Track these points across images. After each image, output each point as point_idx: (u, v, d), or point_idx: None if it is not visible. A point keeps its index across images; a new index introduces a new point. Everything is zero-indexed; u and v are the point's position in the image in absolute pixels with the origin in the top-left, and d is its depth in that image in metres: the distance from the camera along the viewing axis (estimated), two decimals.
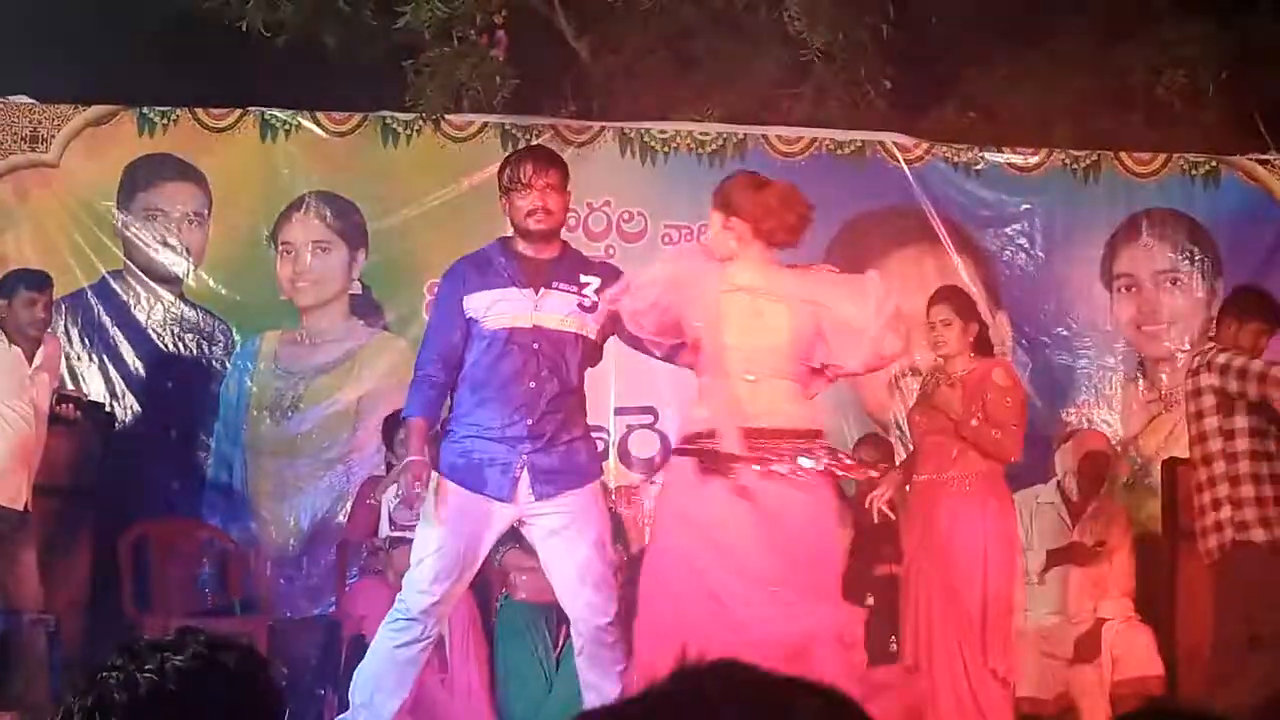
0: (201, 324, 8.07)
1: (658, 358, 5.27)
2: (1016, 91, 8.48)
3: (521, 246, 5.34)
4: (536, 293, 5.23)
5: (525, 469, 5.12)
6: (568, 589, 5.22)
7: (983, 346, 6.49)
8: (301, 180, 8.14)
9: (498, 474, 5.12)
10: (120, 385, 7.98)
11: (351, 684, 5.34)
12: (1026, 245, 8.22)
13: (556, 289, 5.24)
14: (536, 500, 5.15)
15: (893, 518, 6.25)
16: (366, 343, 8.08)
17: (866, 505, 7.36)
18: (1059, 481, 7.26)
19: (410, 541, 6.90)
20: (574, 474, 5.19)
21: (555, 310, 5.21)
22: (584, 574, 5.16)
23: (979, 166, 8.24)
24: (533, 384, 5.13)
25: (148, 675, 1.64)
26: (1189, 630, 6.69)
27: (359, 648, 6.62)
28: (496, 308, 5.21)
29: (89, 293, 8.01)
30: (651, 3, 7.82)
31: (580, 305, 5.23)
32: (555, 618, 6.46)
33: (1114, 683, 6.87)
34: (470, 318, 5.24)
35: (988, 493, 6.21)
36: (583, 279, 5.25)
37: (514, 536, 5.82)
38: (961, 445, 6.18)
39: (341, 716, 5.42)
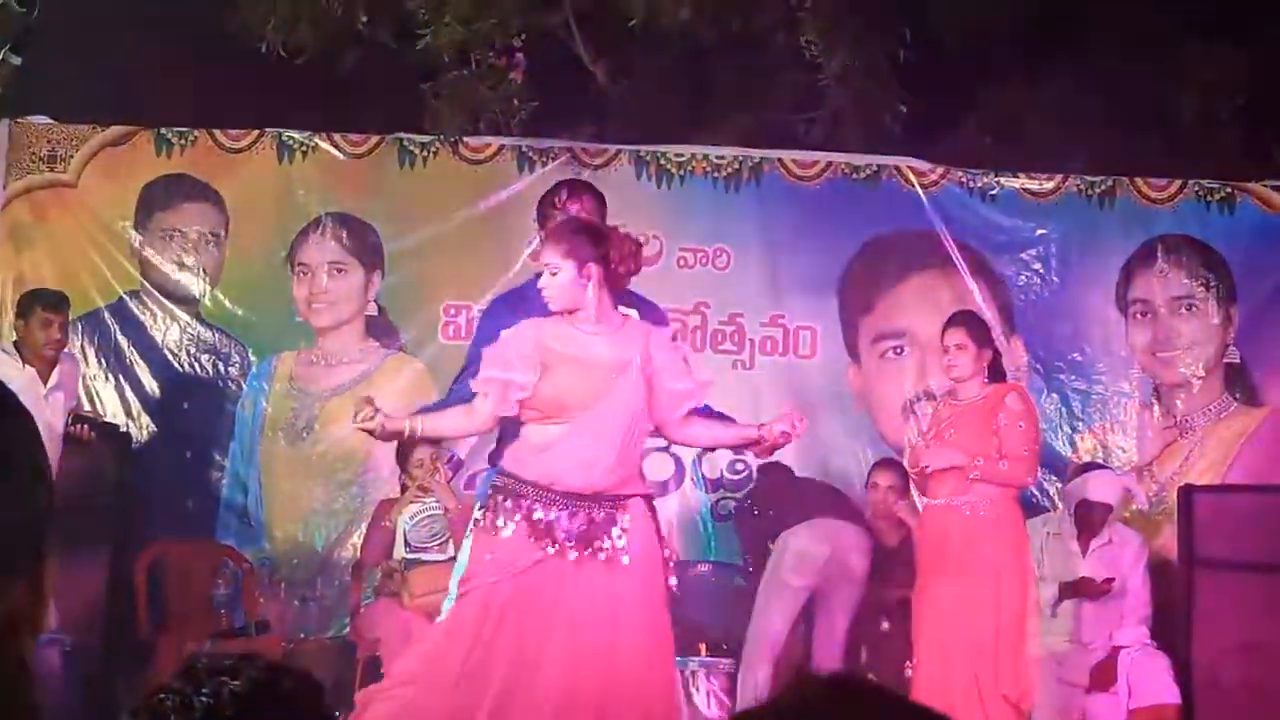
0: (218, 344, 8.08)
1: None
2: (1032, 116, 8.48)
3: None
4: None
5: None
6: None
7: (996, 372, 6.48)
8: (318, 201, 8.17)
9: None
10: (136, 405, 8.00)
11: None
12: (1041, 270, 8.22)
13: None
14: None
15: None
16: (382, 364, 8.09)
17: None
18: (1066, 518, 7.26)
19: (425, 563, 6.95)
20: None
21: None
22: None
23: (994, 191, 8.25)
24: None
25: (204, 700, 1.64)
26: (1206, 657, 6.67)
27: (374, 669, 6.62)
28: None
29: (105, 313, 8.03)
30: (669, 27, 7.82)
31: None
32: None
33: (1130, 711, 6.85)
34: None
35: (1001, 518, 6.20)
36: (621, 310, 5.15)
37: None
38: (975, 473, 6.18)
39: None
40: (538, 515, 4.65)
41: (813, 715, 1.12)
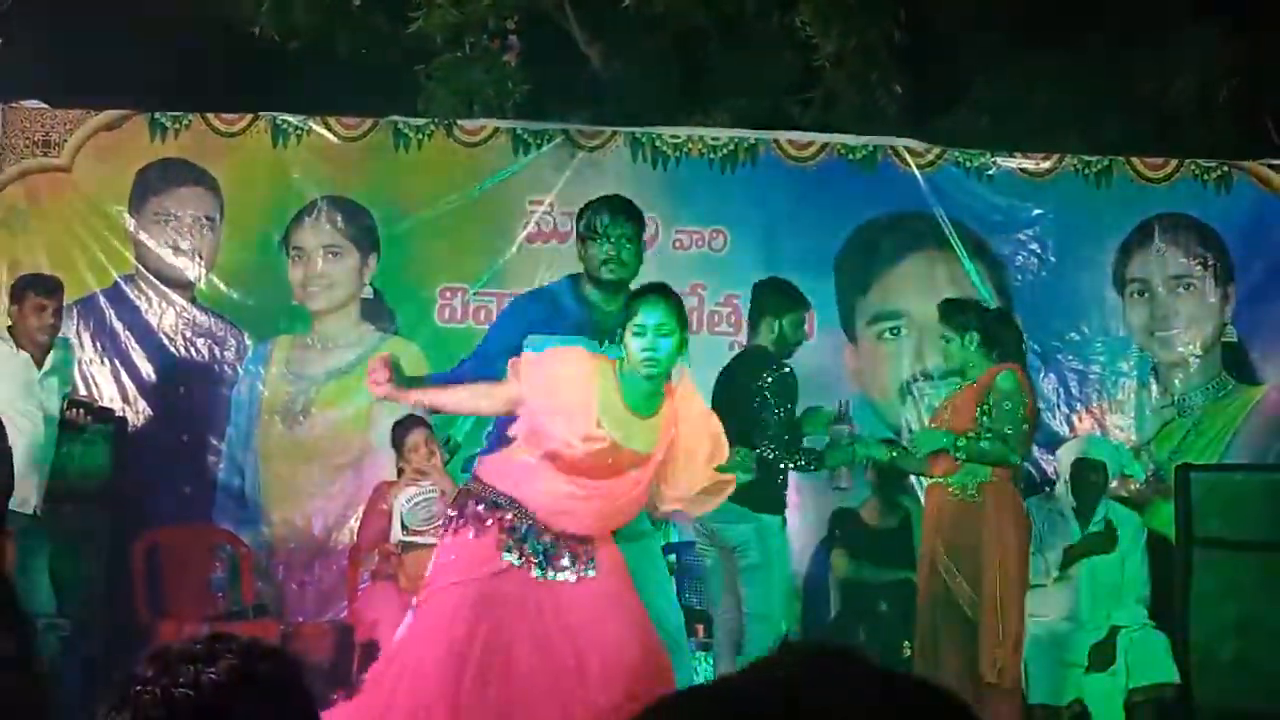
0: (213, 328, 8.07)
1: None
2: (1028, 96, 8.46)
3: (590, 291, 5.26)
4: (601, 345, 5.03)
5: None
6: None
7: (1006, 348, 6.46)
8: (313, 185, 8.15)
9: None
10: (132, 390, 7.99)
11: None
12: (1038, 250, 8.20)
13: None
14: None
15: None
16: (377, 347, 8.06)
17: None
18: (1063, 487, 7.26)
19: (421, 546, 6.94)
20: None
21: None
22: None
23: (991, 171, 8.22)
24: None
25: (183, 690, 1.63)
26: (1204, 636, 6.67)
27: (372, 652, 6.62)
28: None
29: (101, 297, 8.03)
30: (663, 8, 7.80)
31: None
32: None
33: (1129, 690, 6.85)
34: None
35: (994, 497, 6.20)
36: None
37: None
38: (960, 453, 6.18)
39: None
40: (509, 526, 4.65)
41: (788, 682, 1.12)
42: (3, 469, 5.32)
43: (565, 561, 4.66)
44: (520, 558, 4.64)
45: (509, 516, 4.67)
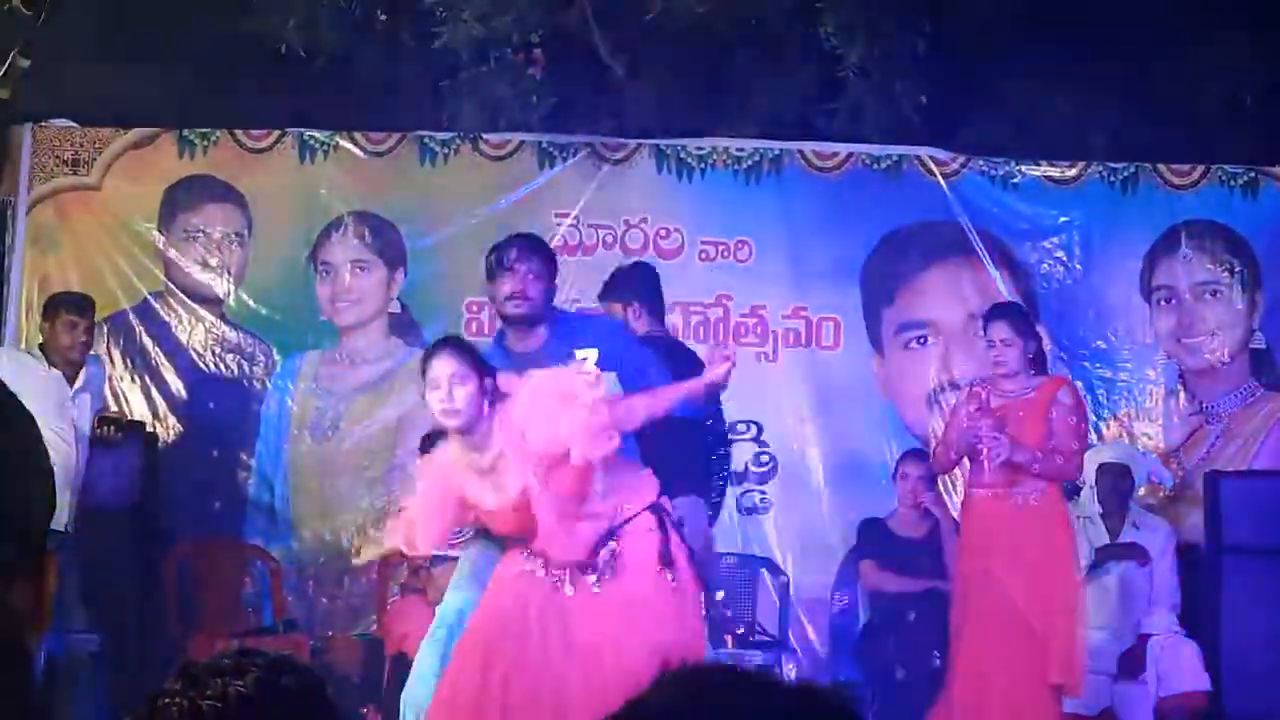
0: (242, 344, 8.12)
1: None
2: (1053, 104, 8.44)
3: (511, 340, 5.28)
4: None
5: None
6: None
7: (1039, 362, 6.48)
8: (340, 200, 8.19)
9: None
10: (162, 406, 8.03)
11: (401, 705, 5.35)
12: (1065, 258, 8.19)
13: None
14: None
15: None
16: (406, 362, 8.08)
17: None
18: (1090, 495, 7.25)
19: (450, 560, 6.96)
20: None
21: None
22: None
23: (1016, 179, 8.21)
24: None
25: (210, 703, 1.65)
26: (1235, 644, 6.65)
27: (401, 666, 6.65)
28: None
29: (131, 314, 8.08)
30: (688, 21, 7.81)
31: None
32: None
33: (1160, 698, 6.83)
34: None
35: (1050, 508, 6.23)
36: (577, 355, 4.99)
37: None
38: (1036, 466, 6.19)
39: None
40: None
41: (668, 710, 1.13)
42: (47, 491, 5.35)
43: (590, 572, 4.68)
44: (544, 571, 4.69)
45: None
